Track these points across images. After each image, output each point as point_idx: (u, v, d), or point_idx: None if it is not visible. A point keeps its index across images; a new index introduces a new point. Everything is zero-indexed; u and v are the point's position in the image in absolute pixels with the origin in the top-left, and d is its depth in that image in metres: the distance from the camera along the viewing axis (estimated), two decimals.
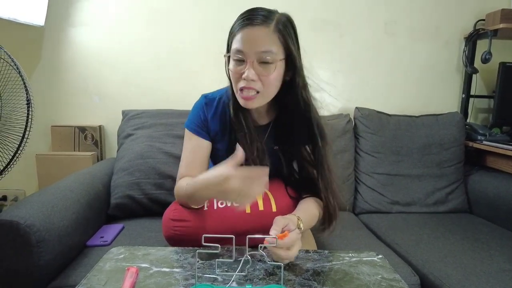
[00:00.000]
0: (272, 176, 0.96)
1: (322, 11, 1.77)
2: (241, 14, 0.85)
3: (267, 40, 0.81)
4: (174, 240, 0.87)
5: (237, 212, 0.85)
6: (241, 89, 0.83)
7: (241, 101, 0.86)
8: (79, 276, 0.95)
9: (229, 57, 0.86)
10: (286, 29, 0.83)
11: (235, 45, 0.82)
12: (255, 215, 0.86)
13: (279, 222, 0.73)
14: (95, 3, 1.69)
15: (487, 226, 1.45)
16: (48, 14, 1.61)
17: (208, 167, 1.01)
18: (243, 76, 0.81)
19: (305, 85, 0.89)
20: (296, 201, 0.93)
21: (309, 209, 0.89)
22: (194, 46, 1.75)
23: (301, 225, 0.79)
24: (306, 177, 0.94)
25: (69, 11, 1.69)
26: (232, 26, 0.85)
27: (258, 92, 0.83)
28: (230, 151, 0.94)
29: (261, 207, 0.88)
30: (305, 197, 0.93)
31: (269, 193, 0.91)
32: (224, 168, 0.70)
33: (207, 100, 0.98)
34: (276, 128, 0.97)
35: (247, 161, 0.90)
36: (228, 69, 0.88)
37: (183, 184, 0.89)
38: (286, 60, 0.85)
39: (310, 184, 0.93)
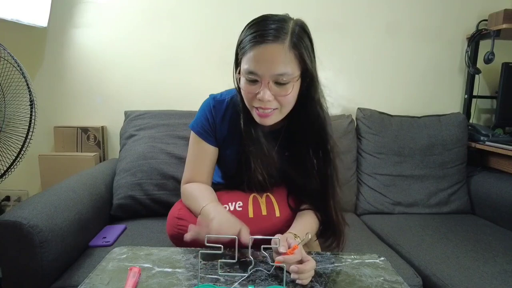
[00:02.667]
0: (280, 182, 0.94)
1: (324, 11, 1.77)
2: (250, 27, 0.78)
3: (283, 61, 0.75)
4: (178, 239, 0.87)
5: (240, 216, 0.83)
6: (257, 107, 0.80)
7: (257, 119, 0.83)
8: (82, 276, 0.95)
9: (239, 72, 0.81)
10: (302, 42, 0.77)
11: (246, 65, 0.76)
12: (258, 219, 0.86)
13: (282, 238, 0.72)
14: (97, 4, 1.70)
15: (490, 227, 1.44)
16: (51, 15, 1.62)
17: (214, 172, 0.99)
18: (258, 97, 0.77)
19: (319, 98, 0.85)
20: (295, 212, 0.90)
21: (306, 225, 0.86)
22: (196, 46, 1.75)
23: (299, 240, 0.77)
24: (310, 187, 0.90)
25: (72, 12, 1.69)
26: (242, 41, 0.79)
27: (275, 108, 0.80)
28: (238, 158, 0.91)
29: (264, 212, 0.87)
30: (302, 209, 0.90)
31: (273, 199, 0.90)
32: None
33: (215, 103, 0.93)
34: (287, 134, 0.93)
35: (255, 174, 0.88)
36: (238, 85, 0.83)
37: (189, 190, 0.91)
38: (303, 74, 0.80)
39: (313, 194, 0.90)
